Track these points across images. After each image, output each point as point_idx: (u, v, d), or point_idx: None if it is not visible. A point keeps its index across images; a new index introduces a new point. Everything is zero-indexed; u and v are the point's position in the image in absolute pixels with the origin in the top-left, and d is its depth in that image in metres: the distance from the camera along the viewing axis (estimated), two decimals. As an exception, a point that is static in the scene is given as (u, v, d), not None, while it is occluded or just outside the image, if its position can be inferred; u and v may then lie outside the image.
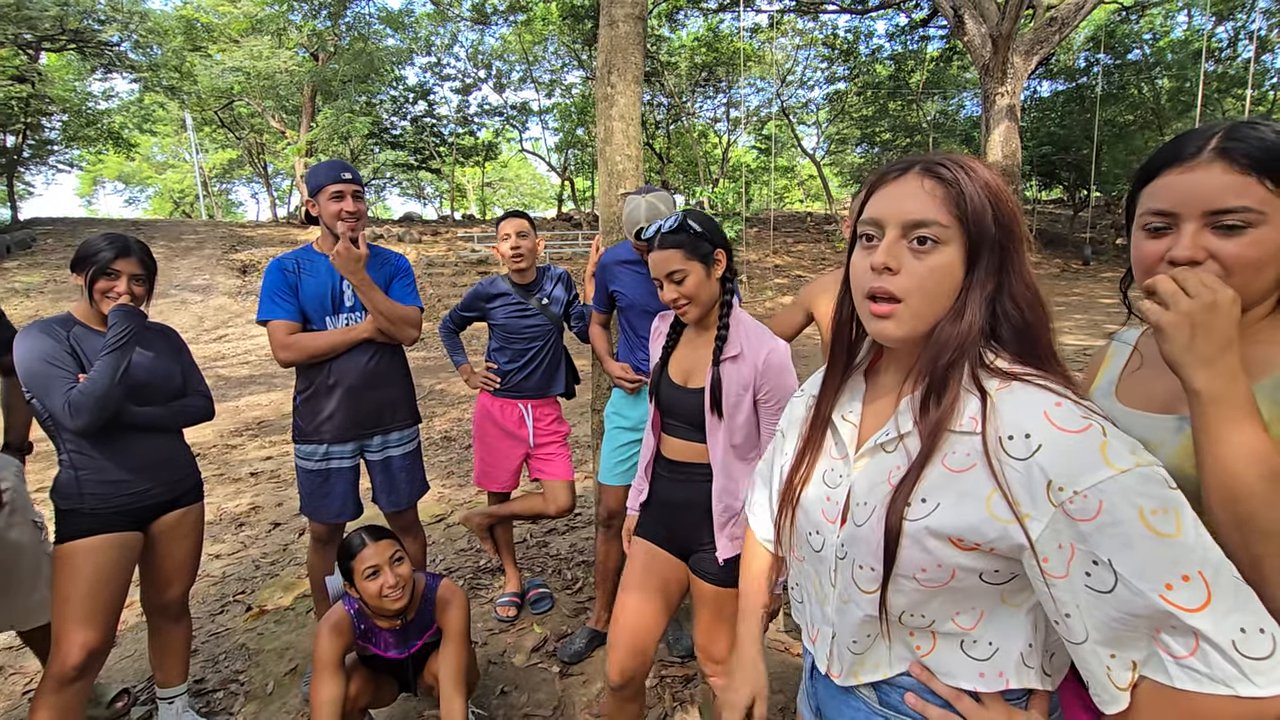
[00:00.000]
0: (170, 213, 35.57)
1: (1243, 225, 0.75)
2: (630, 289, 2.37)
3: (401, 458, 2.35)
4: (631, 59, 2.76)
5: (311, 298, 2.17)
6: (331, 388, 2.18)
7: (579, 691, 2.30)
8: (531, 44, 24.15)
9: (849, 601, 0.80)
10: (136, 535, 1.93)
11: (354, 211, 2.13)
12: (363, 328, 2.19)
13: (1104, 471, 0.61)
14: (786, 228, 23.19)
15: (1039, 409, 0.66)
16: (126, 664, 2.53)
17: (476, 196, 38.26)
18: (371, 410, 2.24)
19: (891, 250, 0.73)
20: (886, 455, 0.78)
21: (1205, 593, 0.58)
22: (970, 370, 0.71)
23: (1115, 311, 13.16)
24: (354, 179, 2.15)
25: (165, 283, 13.17)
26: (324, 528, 2.31)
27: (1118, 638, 0.63)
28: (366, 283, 2.13)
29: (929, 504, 0.71)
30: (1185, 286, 0.71)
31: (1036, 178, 24.81)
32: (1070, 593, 0.64)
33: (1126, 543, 0.60)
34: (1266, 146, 0.75)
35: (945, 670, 0.77)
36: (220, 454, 5.46)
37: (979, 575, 0.71)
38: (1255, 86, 19.88)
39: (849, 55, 24.03)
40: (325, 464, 2.23)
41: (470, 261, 17.27)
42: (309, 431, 2.22)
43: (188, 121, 25.52)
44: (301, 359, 2.15)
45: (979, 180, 0.72)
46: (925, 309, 0.73)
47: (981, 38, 11.69)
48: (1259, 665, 0.57)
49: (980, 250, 0.71)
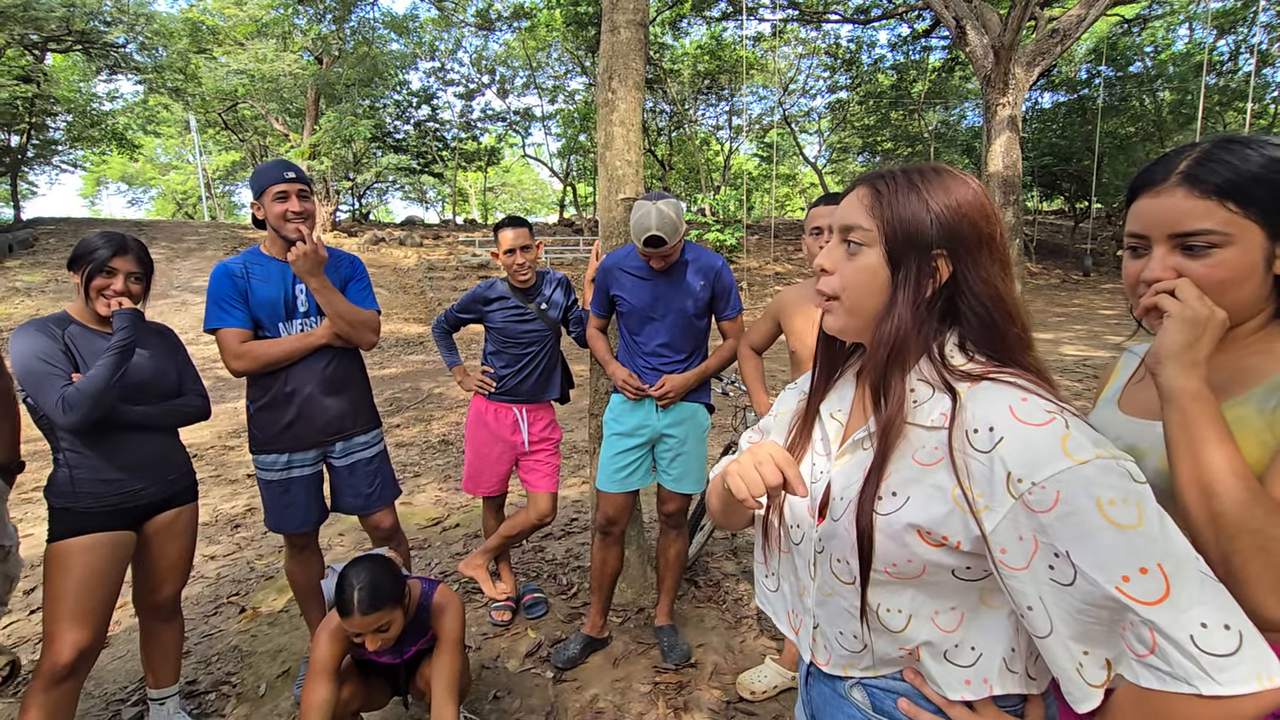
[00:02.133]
0: (173, 214, 35.61)
1: (1207, 246, 0.80)
2: (632, 295, 2.37)
3: (368, 461, 2.28)
4: (633, 65, 2.77)
5: (264, 303, 2.08)
6: (290, 395, 2.11)
7: (572, 697, 2.28)
8: (535, 50, 24.26)
9: (832, 594, 0.82)
10: (129, 535, 1.92)
11: (300, 211, 2.06)
12: (319, 333, 2.11)
13: (1063, 462, 0.61)
14: (788, 235, 23.23)
15: (1005, 403, 0.68)
16: (119, 664, 2.52)
17: (478, 201, 38.33)
18: (333, 417, 2.18)
19: (831, 253, 0.81)
20: (863, 452, 0.80)
21: (1164, 586, 0.58)
22: (935, 369, 0.74)
23: (1115, 323, 13.16)
24: (298, 177, 2.08)
25: (166, 284, 13.19)
26: (296, 538, 2.27)
27: (1087, 633, 0.63)
28: (326, 286, 2.06)
29: (899, 498, 0.73)
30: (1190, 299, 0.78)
31: (1038, 188, 24.87)
32: (1033, 585, 0.65)
33: (1084, 533, 0.60)
34: (1230, 171, 0.78)
35: (935, 680, 0.78)
36: (217, 455, 5.45)
37: (951, 571, 0.73)
38: (1255, 100, 19.95)
39: (851, 64, 24.12)
40: (286, 474, 2.16)
41: (471, 266, 17.30)
42: (266, 441, 2.14)
43: (191, 123, 25.60)
44: (256, 368, 2.06)
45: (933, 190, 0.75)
46: (856, 305, 0.79)
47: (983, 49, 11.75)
48: (1220, 662, 0.56)
49: (903, 254, 0.75)
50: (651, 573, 2.94)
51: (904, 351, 0.75)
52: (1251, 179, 0.77)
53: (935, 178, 0.76)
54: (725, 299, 2.41)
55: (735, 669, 2.38)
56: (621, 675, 2.40)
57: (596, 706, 2.23)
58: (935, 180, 0.75)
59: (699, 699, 2.26)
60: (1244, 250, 0.79)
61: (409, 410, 7.00)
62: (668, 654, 2.47)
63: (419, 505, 4.23)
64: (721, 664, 2.45)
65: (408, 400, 7.49)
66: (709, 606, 2.87)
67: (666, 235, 2.15)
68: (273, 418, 2.13)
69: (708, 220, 17.72)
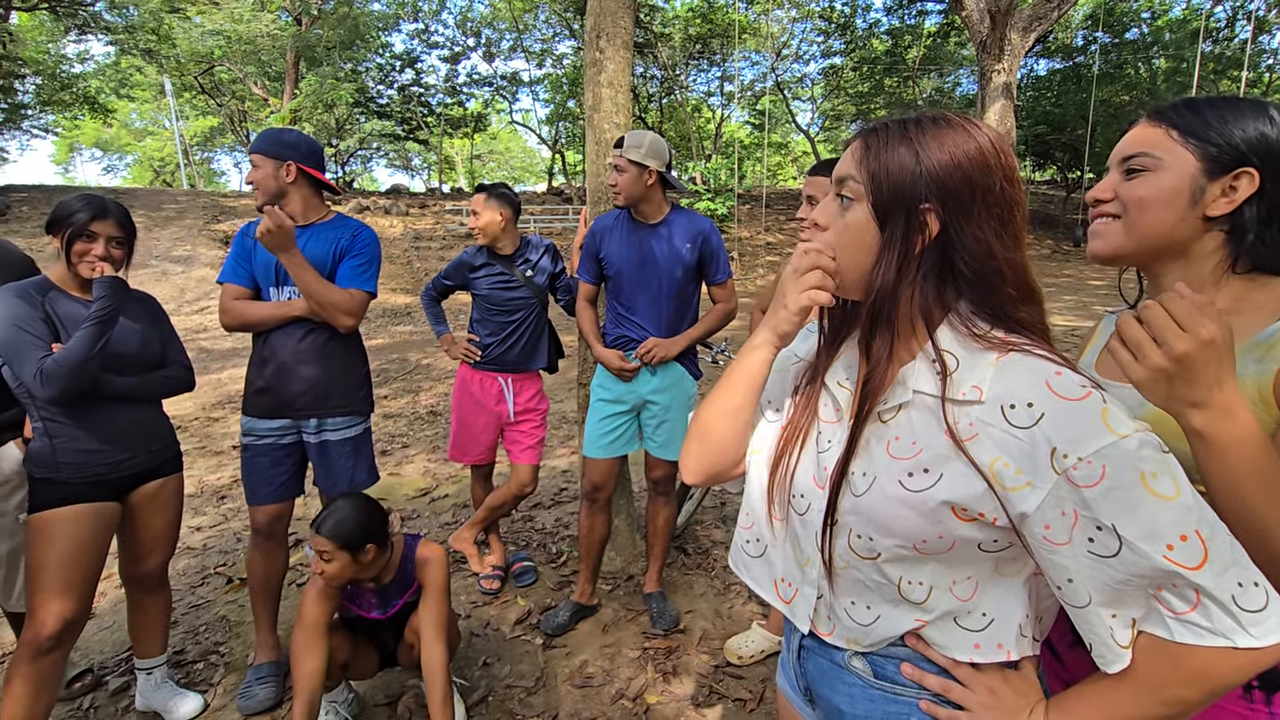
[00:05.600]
0: (150, 181, 34.83)
1: (1140, 170, 0.85)
2: (619, 256, 2.33)
3: (339, 443, 2.18)
4: (621, 23, 2.68)
5: (260, 266, 2.10)
6: (264, 361, 2.10)
7: (561, 663, 2.30)
8: (522, 11, 23.61)
9: (847, 567, 0.79)
10: (113, 505, 1.89)
11: (251, 180, 2.07)
12: (298, 305, 2.06)
13: (1107, 437, 0.61)
14: (779, 205, 23.05)
15: (1041, 378, 0.66)
16: (105, 635, 2.51)
17: (465, 169, 37.70)
18: (301, 391, 2.10)
19: (826, 208, 0.78)
20: (883, 425, 0.76)
21: (1203, 550, 0.60)
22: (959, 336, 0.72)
23: (1105, 293, 13.26)
24: (254, 146, 2.07)
25: (145, 253, 12.93)
26: (260, 516, 2.16)
27: (1118, 598, 0.64)
28: (298, 261, 1.98)
29: (932, 474, 0.71)
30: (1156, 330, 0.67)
31: (1031, 158, 24.77)
32: (1072, 559, 0.64)
33: (1130, 506, 0.60)
34: (1187, 106, 0.84)
35: (940, 644, 0.77)
36: (202, 426, 5.40)
37: (978, 545, 0.72)
38: (1251, 68, 19.83)
39: (845, 29, 23.68)
40: (255, 440, 2.14)
41: (458, 235, 17.08)
42: (244, 402, 2.16)
43: (167, 87, 24.82)
44: (237, 325, 2.09)
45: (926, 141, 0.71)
46: (846, 262, 0.76)
47: (980, 13, 11.55)
48: (1255, 617, 0.60)
49: (889, 207, 0.72)
50: (641, 541, 2.96)
51: (888, 309, 0.73)
52: (1200, 112, 0.82)
53: (932, 128, 0.71)
54: (714, 263, 2.38)
55: (723, 634, 2.41)
56: (611, 641, 2.42)
57: (586, 671, 2.26)
58: (931, 130, 0.71)
59: (687, 664, 2.29)
60: (1172, 176, 0.82)
61: (396, 381, 6.95)
62: (656, 620, 2.49)
63: (407, 476, 4.22)
64: (710, 629, 2.48)
65: (395, 371, 7.44)
66: (698, 573, 2.89)
67: (631, 142, 2.21)
68: (251, 379, 2.14)
69: (699, 189, 17.53)
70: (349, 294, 2.09)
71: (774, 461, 0.87)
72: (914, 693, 0.79)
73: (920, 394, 0.73)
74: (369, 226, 2.22)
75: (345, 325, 2.10)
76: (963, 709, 0.76)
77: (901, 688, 0.79)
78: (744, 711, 2.07)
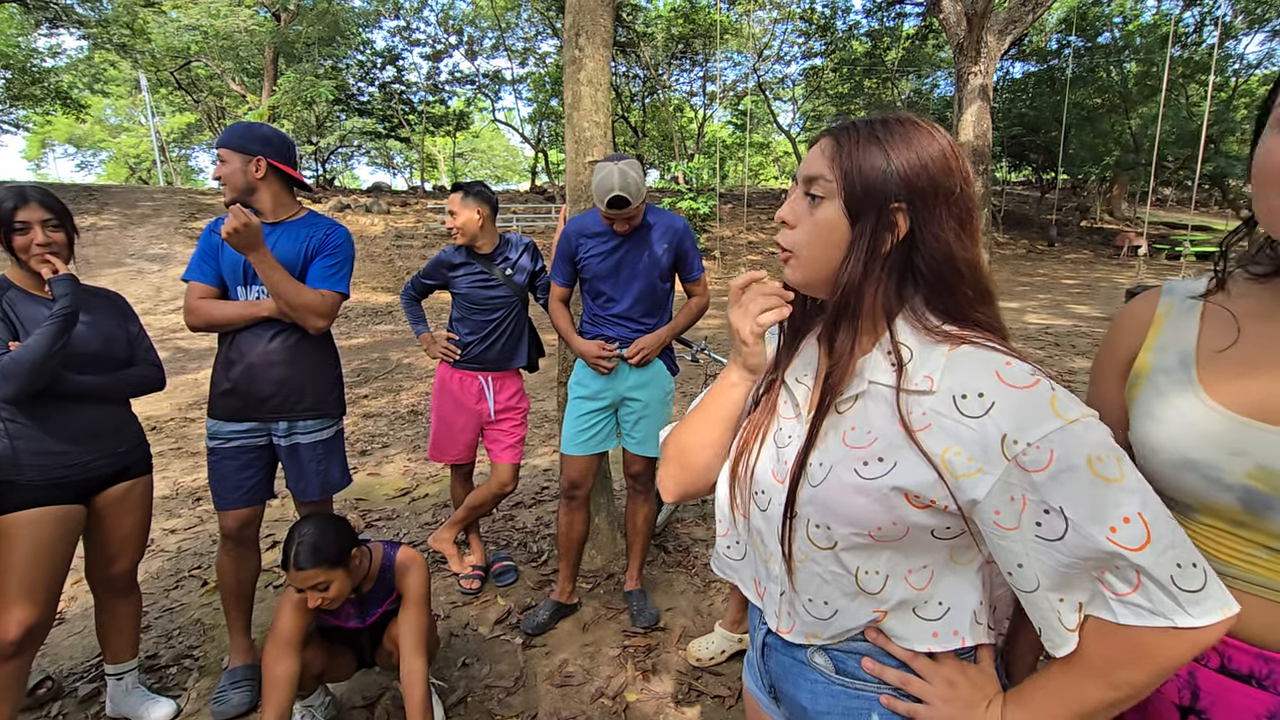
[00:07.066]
0: (126, 178, 34.13)
1: None
2: (596, 261, 2.32)
3: (310, 446, 2.13)
4: (600, 21, 2.68)
5: (227, 265, 2.04)
6: (231, 362, 2.04)
7: (541, 662, 2.30)
8: (504, 10, 23.47)
9: (806, 559, 0.80)
10: (79, 509, 1.85)
11: (219, 176, 2.01)
12: (266, 305, 2.00)
13: (1055, 422, 0.63)
14: (761, 204, 23.16)
15: (991, 369, 0.68)
16: (75, 640, 2.46)
17: (448, 167, 37.40)
18: (269, 393, 2.05)
19: (793, 205, 0.78)
20: (838, 415, 0.78)
21: (1145, 532, 0.61)
22: (914, 330, 0.74)
23: (1077, 292, 13.48)
24: (221, 140, 2.01)
25: (120, 251, 12.69)
26: (229, 521, 2.11)
27: (1066, 581, 0.66)
28: (267, 261, 1.91)
29: (886, 462, 0.72)
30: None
31: (1006, 159, 25.10)
32: (1021, 543, 0.66)
33: (1077, 489, 0.62)
34: None
35: (899, 635, 0.78)
36: (178, 427, 5.31)
37: (931, 532, 0.73)
38: (1218, 73, 20.28)
39: (825, 30, 23.83)
40: (222, 442, 2.08)
41: (440, 234, 16.94)
42: (210, 405, 2.10)
43: (142, 82, 24.35)
44: (202, 325, 2.04)
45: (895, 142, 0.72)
46: (815, 258, 0.77)
47: (957, 15, 11.70)
48: (1194, 597, 0.61)
49: (861, 206, 0.73)
50: (621, 539, 2.96)
51: (853, 304, 0.74)
52: None
53: (899, 129, 0.73)
54: (688, 261, 2.39)
55: (704, 632, 2.42)
56: (591, 640, 2.42)
57: (565, 670, 2.25)
58: (899, 131, 0.73)
59: (667, 661, 2.30)
60: None
61: (377, 380, 6.89)
62: (636, 618, 2.49)
63: (387, 476, 4.18)
64: (690, 627, 2.49)
65: (376, 370, 7.37)
66: (678, 571, 2.90)
67: (630, 196, 2.11)
68: (216, 381, 2.09)
69: (681, 188, 17.55)
70: (320, 295, 2.04)
71: (734, 461, 0.88)
72: (874, 687, 0.80)
73: (875, 384, 0.75)
74: (342, 225, 2.17)
75: (316, 327, 2.05)
76: (922, 702, 0.77)
77: (862, 683, 0.80)
78: (723, 708, 2.08)
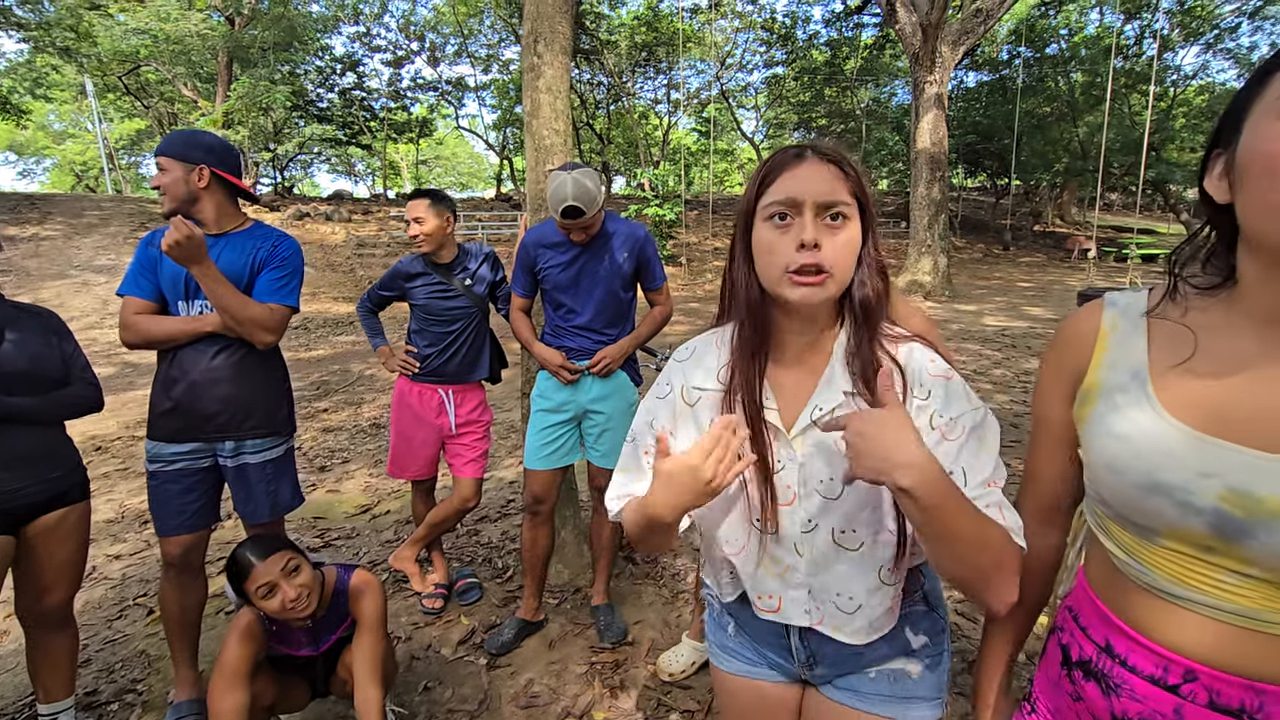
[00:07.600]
0: (71, 186, 32.85)
1: None
2: (556, 271, 2.29)
3: (258, 466, 2.03)
4: (559, 28, 2.66)
5: (167, 278, 1.94)
6: (173, 380, 1.94)
7: (506, 683, 2.24)
8: (466, 16, 23.31)
9: (836, 564, 0.91)
10: (7, 539, 1.74)
11: (157, 185, 1.92)
12: (209, 320, 1.91)
13: (968, 404, 0.87)
14: (726, 211, 23.35)
15: (928, 359, 0.89)
16: (6, 679, 2.32)
17: (411, 175, 36.89)
18: (214, 412, 1.95)
19: (817, 228, 0.84)
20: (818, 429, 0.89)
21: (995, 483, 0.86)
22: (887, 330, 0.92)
23: (1032, 294, 13.87)
24: (161, 148, 1.93)
25: (64, 263, 12.16)
26: (172, 548, 2.00)
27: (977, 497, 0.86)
28: (211, 274, 1.83)
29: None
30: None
31: (962, 165, 25.79)
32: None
33: (974, 453, 0.85)
34: None
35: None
36: (125, 446, 5.09)
37: None
38: (1158, 83, 21.18)
39: (786, 40, 24.24)
40: (163, 466, 1.97)
41: (403, 242, 16.67)
42: (150, 426, 1.98)
43: (88, 87, 23.46)
44: (139, 342, 1.93)
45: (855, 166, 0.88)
46: (844, 276, 0.87)
47: (912, 26, 12.01)
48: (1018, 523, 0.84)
49: (869, 224, 0.89)
50: (588, 552, 2.91)
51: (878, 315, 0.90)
52: None
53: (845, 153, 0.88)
54: (650, 269, 2.36)
55: (672, 644, 2.39)
56: (557, 658, 2.37)
57: (531, 691, 2.20)
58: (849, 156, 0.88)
59: (635, 677, 2.26)
60: None
61: (337, 394, 6.71)
62: (604, 633, 2.45)
63: (347, 493, 4.06)
64: (658, 640, 2.45)
65: (336, 383, 7.18)
66: (647, 583, 2.87)
67: (585, 205, 2.08)
68: (156, 400, 1.97)
69: (647, 195, 17.61)
70: (268, 309, 1.95)
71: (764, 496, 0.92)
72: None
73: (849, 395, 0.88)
74: (290, 236, 2.08)
75: (264, 342, 1.96)
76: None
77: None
78: (692, 722, 2.05)
